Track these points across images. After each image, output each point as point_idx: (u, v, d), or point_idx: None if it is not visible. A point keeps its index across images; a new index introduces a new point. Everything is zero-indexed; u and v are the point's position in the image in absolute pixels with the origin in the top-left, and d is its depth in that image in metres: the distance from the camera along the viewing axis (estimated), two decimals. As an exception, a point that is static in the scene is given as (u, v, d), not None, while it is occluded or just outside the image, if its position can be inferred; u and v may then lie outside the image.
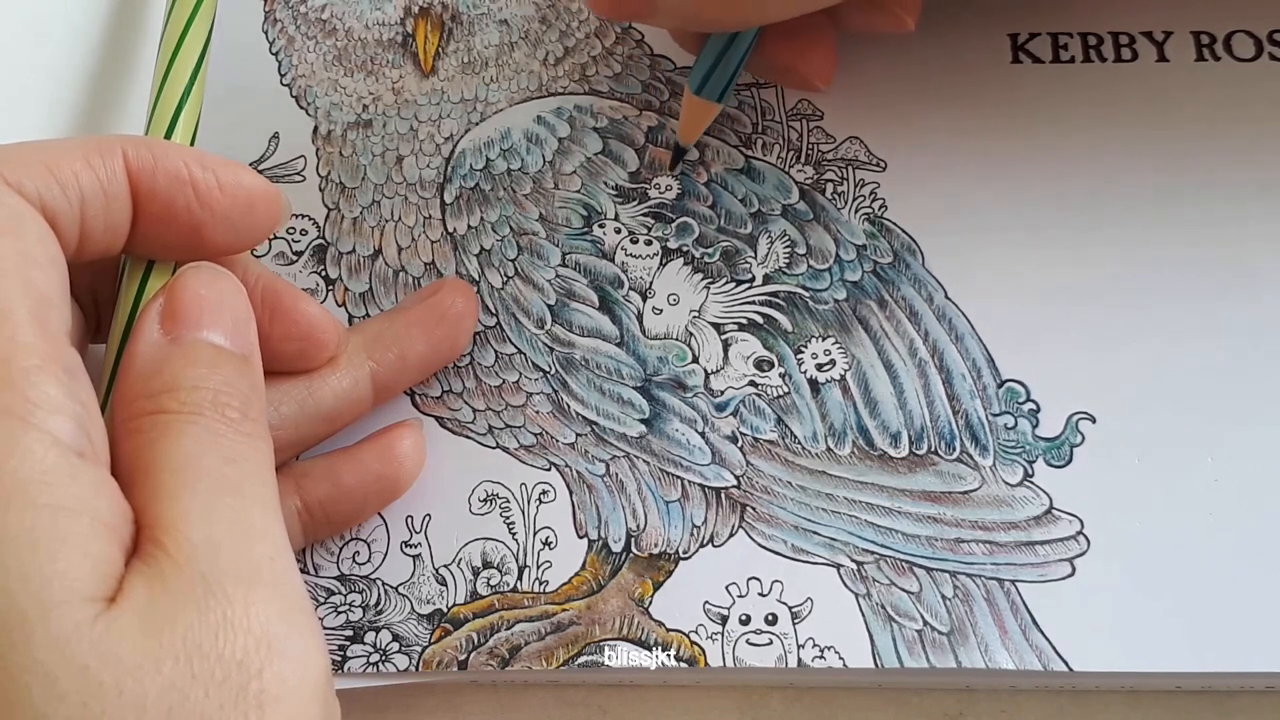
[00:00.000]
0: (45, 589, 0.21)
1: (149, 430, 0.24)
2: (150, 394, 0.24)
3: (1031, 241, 0.33)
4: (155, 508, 0.23)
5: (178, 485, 0.23)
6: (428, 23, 0.37)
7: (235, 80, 0.37)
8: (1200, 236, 0.33)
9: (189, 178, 0.26)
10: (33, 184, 0.24)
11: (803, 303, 0.33)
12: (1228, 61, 0.36)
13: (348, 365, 0.31)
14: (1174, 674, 0.29)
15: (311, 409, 0.30)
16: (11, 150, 0.25)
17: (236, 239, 0.27)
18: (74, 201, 0.25)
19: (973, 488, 0.31)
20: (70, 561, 0.21)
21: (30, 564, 0.21)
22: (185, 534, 0.22)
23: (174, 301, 0.26)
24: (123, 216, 0.26)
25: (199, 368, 0.25)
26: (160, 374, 0.25)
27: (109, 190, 0.25)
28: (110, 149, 0.26)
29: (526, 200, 0.35)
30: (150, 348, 0.25)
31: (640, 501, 0.31)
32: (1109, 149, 0.35)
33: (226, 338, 0.26)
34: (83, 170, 0.25)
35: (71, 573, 0.21)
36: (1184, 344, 0.32)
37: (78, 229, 0.25)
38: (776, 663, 0.29)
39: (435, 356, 0.32)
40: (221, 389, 0.25)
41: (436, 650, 0.30)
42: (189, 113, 0.30)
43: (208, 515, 0.23)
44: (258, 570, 0.23)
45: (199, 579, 0.22)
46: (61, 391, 0.22)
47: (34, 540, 0.21)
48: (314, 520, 0.30)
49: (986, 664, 0.29)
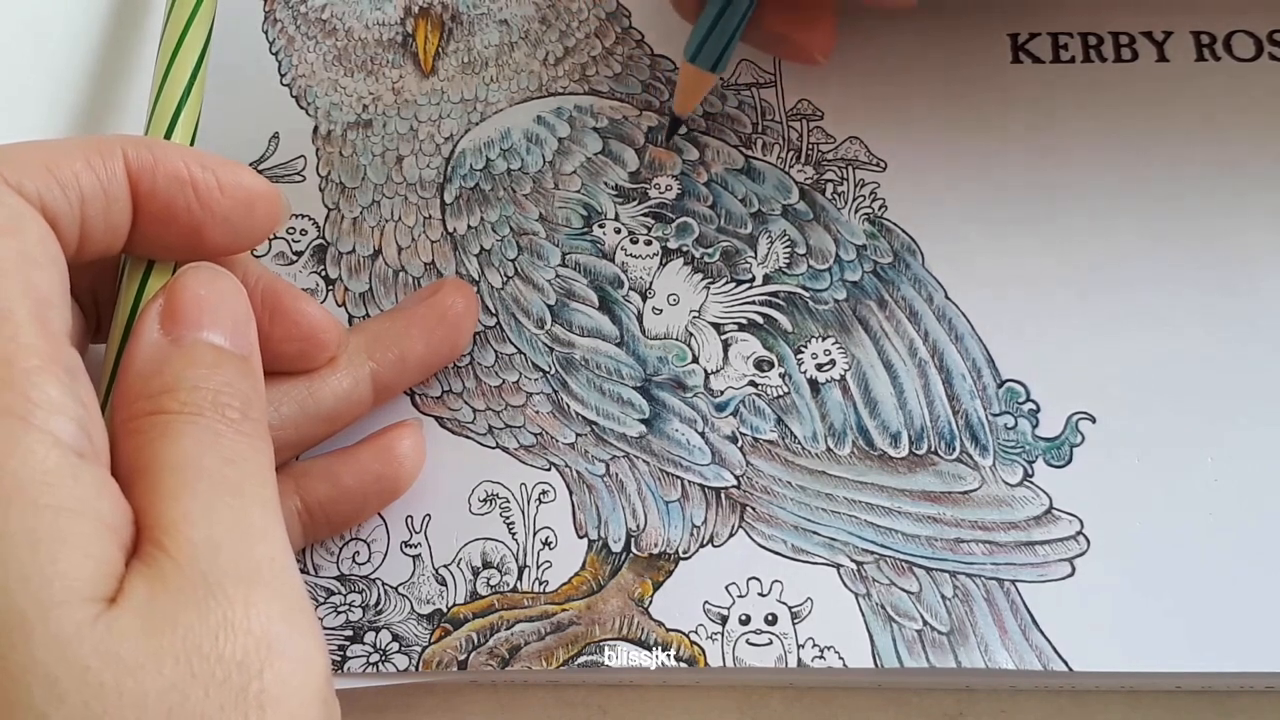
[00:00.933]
0: (46, 589, 0.21)
1: (149, 430, 0.24)
2: (150, 394, 0.24)
3: (1031, 242, 0.33)
4: (155, 508, 0.23)
5: (178, 485, 0.23)
6: (428, 23, 0.37)
7: (235, 80, 0.37)
8: (1201, 237, 0.33)
9: (189, 178, 0.26)
10: (33, 184, 0.24)
11: (803, 303, 0.33)
12: (1228, 61, 0.36)
13: (348, 366, 0.31)
14: (1174, 674, 0.29)
15: (312, 409, 0.30)
16: (11, 150, 0.25)
17: (236, 239, 0.27)
18: (74, 202, 0.25)
19: (973, 488, 0.31)
20: (71, 562, 0.21)
21: (31, 564, 0.21)
22: (185, 534, 0.22)
23: (174, 302, 0.26)
24: (123, 217, 0.26)
25: (199, 368, 0.25)
26: (160, 374, 0.25)
27: (109, 191, 0.25)
28: (110, 149, 0.26)
29: (526, 200, 0.35)
30: (150, 348, 0.25)
31: (640, 501, 0.31)
32: (1109, 149, 0.35)
33: (227, 338, 0.26)
34: (83, 171, 0.25)
35: (72, 573, 0.21)
36: (1184, 344, 0.32)
37: (78, 229, 0.25)
38: (776, 663, 0.29)
39: (435, 357, 0.32)
40: (222, 389, 0.25)
41: (436, 650, 0.30)
42: (189, 113, 0.30)
43: (208, 515, 0.23)
44: (258, 570, 0.23)
45: (199, 579, 0.22)
46: (62, 392, 0.22)
47: (35, 541, 0.21)
48: (314, 520, 0.30)
49: (986, 664, 0.29)
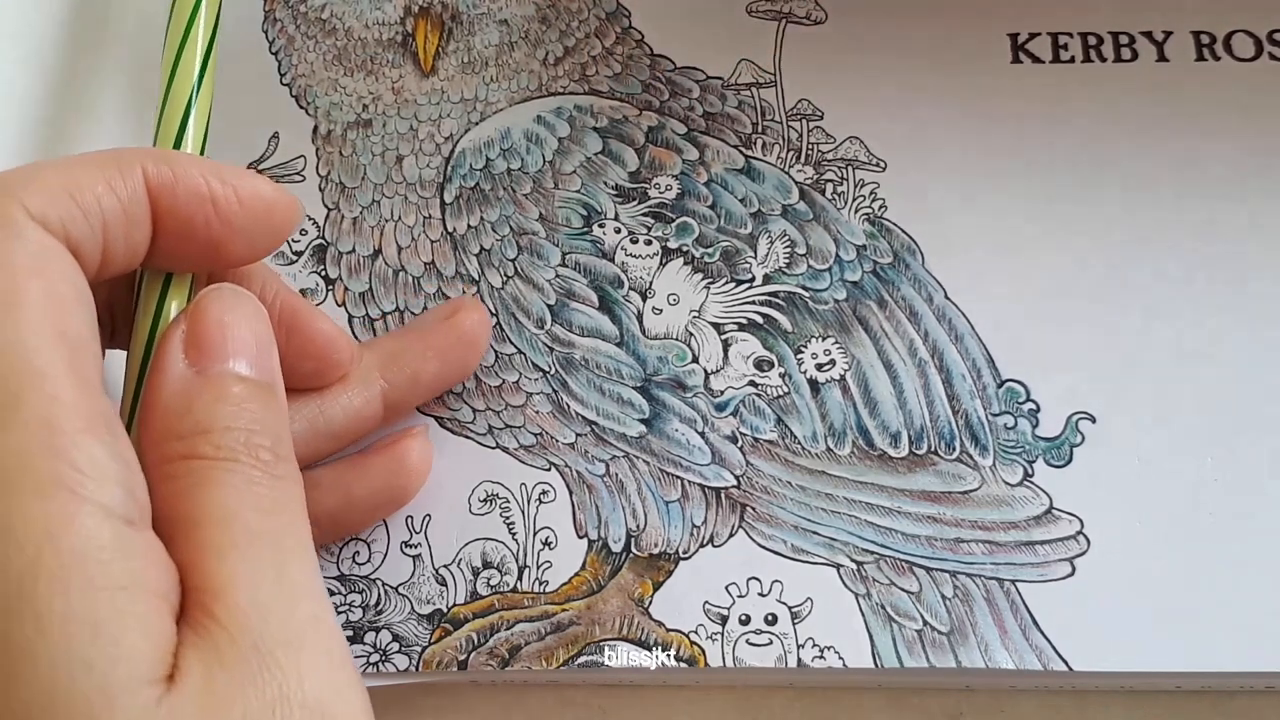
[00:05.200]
0: (110, 675, 0.21)
1: (185, 477, 0.24)
2: (181, 435, 0.24)
3: (1032, 241, 0.33)
4: (201, 567, 0.23)
5: (220, 542, 0.23)
6: (428, 22, 0.37)
7: (235, 80, 0.37)
8: (1202, 236, 0.33)
9: (209, 193, 0.26)
10: (56, 214, 0.24)
11: (803, 303, 0.33)
12: (1228, 61, 0.36)
13: (360, 384, 0.30)
14: (1174, 674, 0.29)
15: (322, 426, 0.30)
16: (32, 175, 0.24)
17: (253, 250, 0.27)
18: (97, 229, 0.24)
19: (973, 488, 0.31)
20: (132, 645, 0.21)
21: (93, 649, 0.21)
22: (234, 600, 0.22)
23: (197, 330, 0.25)
24: (143, 236, 0.26)
25: (228, 404, 0.25)
26: (191, 412, 0.24)
27: (130, 213, 0.25)
28: (130, 167, 0.25)
29: (526, 200, 0.35)
30: (176, 381, 0.25)
31: (640, 501, 0.31)
32: (1109, 149, 0.34)
33: (251, 366, 0.25)
34: (105, 194, 0.24)
35: (134, 656, 0.21)
36: (1184, 344, 0.32)
37: (100, 255, 0.25)
38: (776, 663, 0.29)
39: (448, 378, 0.32)
40: (253, 428, 0.24)
41: (436, 650, 0.30)
42: (198, 116, 0.29)
43: (252, 576, 0.23)
44: (304, 633, 0.23)
45: (252, 650, 0.22)
46: (108, 455, 0.22)
47: (95, 624, 0.21)
48: (321, 531, 0.30)
49: (986, 664, 0.29)
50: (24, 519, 0.21)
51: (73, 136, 0.38)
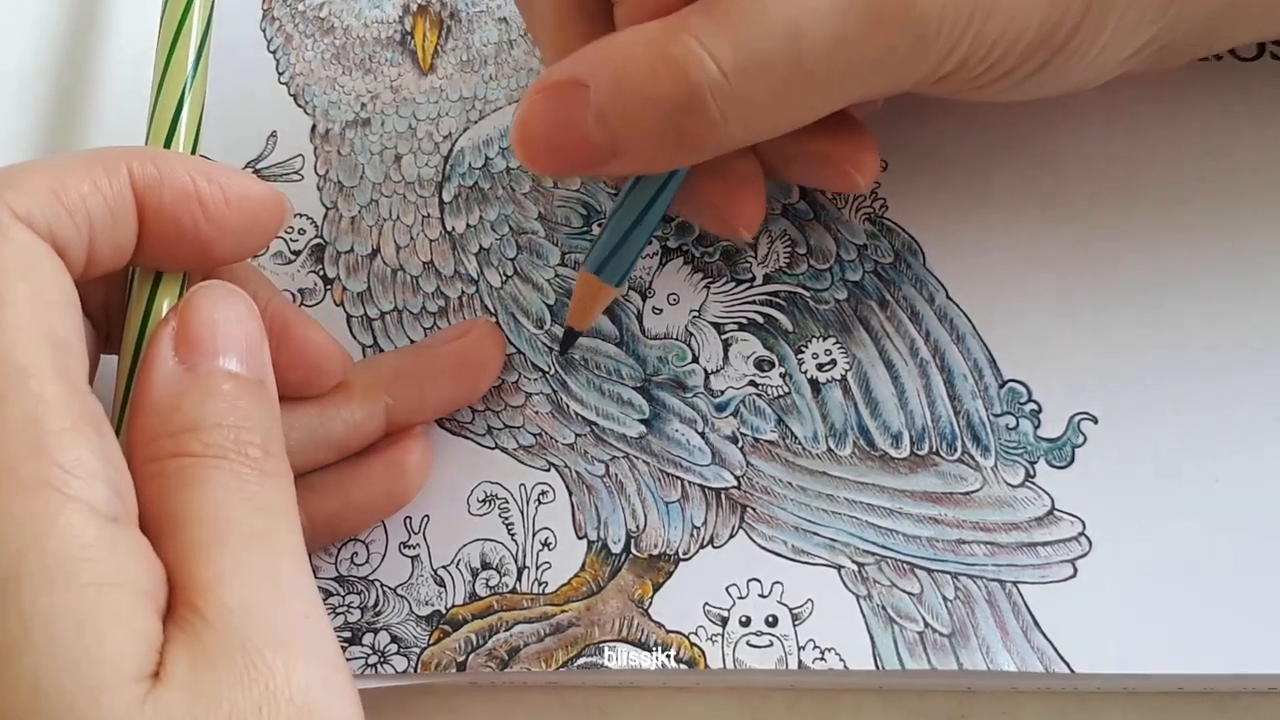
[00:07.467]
0: (94, 673, 0.21)
1: (173, 475, 0.24)
2: (171, 432, 0.24)
3: (1033, 242, 0.33)
4: (187, 565, 0.23)
5: (208, 540, 0.23)
6: (426, 20, 0.37)
7: (232, 79, 0.37)
8: (1202, 237, 0.33)
9: (195, 192, 0.26)
10: (41, 214, 0.24)
11: (803, 302, 0.33)
12: (1228, 61, 0.36)
13: (364, 398, 0.30)
14: (1176, 675, 0.29)
15: (322, 438, 0.30)
16: (17, 175, 0.24)
17: (241, 248, 0.27)
18: (82, 228, 0.24)
19: (974, 488, 0.31)
20: (116, 642, 0.21)
21: (78, 647, 0.21)
22: (220, 598, 0.22)
23: (187, 326, 0.25)
24: (129, 235, 0.25)
25: (218, 401, 0.24)
26: (180, 410, 0.24)
27: (116, 211, 0.25)
28: (115, 166, 0.25)
29: (526, 199, 0.35)
30: (165, 378, 0.25)
31: (640, 502, 0.31)
32: (1109, 149, 0.34)
33: (242, 363, 0.25)
34: (90, 193, 0.24)
35: (118, 653, 0.21)
36: (1186, 344, 0.32)
37: (85, 254, 0.25)
38: (777, 664, 0.29)
39: (456, 400, 0.32)
40: (242, 425, 0.24)
41: (435, 652, 0.30)
42: (190, 114, 0.29)
43: (241, 574, 0.23)
44: (294, 632, 0.23)
45: (238, 647, 0.22)
46: (93, 454, 0.22)
47: (79, 622, 0.21)
48: (317, 533, 0.30)
49: (988, 665, 0.29)
50: (8, 517, 0.21)
51: (67, 134, 0.38)
